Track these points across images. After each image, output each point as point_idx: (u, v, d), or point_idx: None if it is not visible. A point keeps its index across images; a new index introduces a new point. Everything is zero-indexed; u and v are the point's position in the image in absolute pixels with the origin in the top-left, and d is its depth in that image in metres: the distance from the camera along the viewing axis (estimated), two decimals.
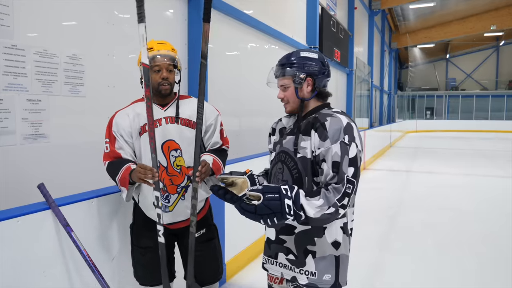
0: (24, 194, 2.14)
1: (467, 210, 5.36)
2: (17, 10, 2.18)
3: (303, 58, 1.49)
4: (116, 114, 1.85)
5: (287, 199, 1.30)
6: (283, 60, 1.52)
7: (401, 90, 27.83)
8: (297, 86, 1.48)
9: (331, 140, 1.38)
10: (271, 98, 5.84)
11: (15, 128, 2.19)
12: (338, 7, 9.68)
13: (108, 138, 1.81)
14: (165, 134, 1.81)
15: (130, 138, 1.81)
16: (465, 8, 19.98)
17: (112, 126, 1.81)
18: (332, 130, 1.39)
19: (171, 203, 1.84)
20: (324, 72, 1.51)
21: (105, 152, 1.81)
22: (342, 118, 1.42)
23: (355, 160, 1.38)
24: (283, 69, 1.50)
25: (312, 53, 1.51)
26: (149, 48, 1.78)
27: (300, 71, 1.47)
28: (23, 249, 1.55)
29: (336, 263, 1.48)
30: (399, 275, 3.27)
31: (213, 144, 1.97)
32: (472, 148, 14.09)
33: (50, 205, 1.65)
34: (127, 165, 1.74)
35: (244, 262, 3.29)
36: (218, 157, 1.92)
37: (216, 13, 4.11)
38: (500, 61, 28.72)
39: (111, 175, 1.78)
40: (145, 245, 1.89)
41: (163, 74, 1.79)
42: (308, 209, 1.32)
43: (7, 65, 2.13)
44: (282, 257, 1.56)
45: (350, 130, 1.40)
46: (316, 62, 1.49)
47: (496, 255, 3.70)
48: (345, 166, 1.35)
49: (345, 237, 1.50)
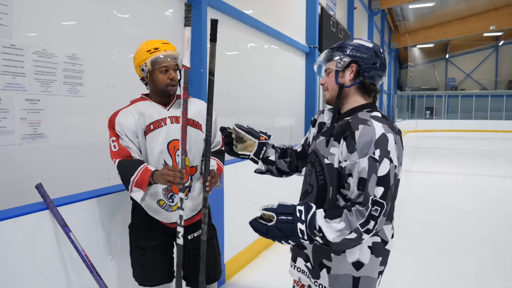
0: (22, 194, 2.13)
1: (467, 210, 5.35)
2: (16, 9, 2.17)
3: (355, 44, 1.35)
4: (118, 113, 1.80)
5: (300, 224, 1.21)
6: (335, 44, 1.41)
7: (400, 90, 27.85)
8: (338, 69, 1.34)
9: (359, 154, 1.22)
10: (269, 98, 5.86)
11: (14, 128, 2.18)
12: (337, 7, 9.68)
13: (114, 136, 1.76)
14: (170, 133, 1.80)
15: (135, 138, 1.78)
16: (464, 8, 20.01)
17: (115, 126, 1.77)
18: (362, 142, 1.22)
19: (175, 203, 1.84)
20: (376, 63, 1.34)
21: (114, 150, 1.76)
22: (376, 128, 1.24)
23: (387, 179, 1.21)
24: (331, 53, 1.38)
25: (367, 42, 1.37)
26: (155, 48, 1.76)
27: (345, 55, 1.34)
28: (21, 250, 1.55)
29: (354, 285, 1.35)
30: (399, 275, 3.26)
31: (216, 145, 1.99)
32: (471, 148, 14.09)
33: (48, 205, 1.64)
34: (144, 166, 1.70)
35: (243, 262, 3.28)
36: (220, 161, 1.96)
37: (215, 13, 4.11)
38: (499, 61, 28.74)
39: (123, 173, 1.73)
40: (145, 245, 1.87)
41: (171, 75, 1.77)
42: (327, 232, 1.20)
43: (5, 65, 2.12)
44: (301, 262, 1.49)
45: (384, 143, 1.22)
46: (367, 50, 1.34)
47: (496, 255, 3.69)
48: (372, 186, 1.20)
49: (373, 258, 1.34)
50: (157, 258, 1.88)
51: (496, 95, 26.69)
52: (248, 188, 3.17)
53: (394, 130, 1.28)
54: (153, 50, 1.75)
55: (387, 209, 1.23)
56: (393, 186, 1.25)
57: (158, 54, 1.74)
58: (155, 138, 1.77)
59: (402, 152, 1.29)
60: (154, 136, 1.77)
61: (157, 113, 1.80)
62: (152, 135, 1.77)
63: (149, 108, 1.81)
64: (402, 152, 1.29)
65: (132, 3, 3.01)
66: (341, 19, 10.09)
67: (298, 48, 6.81)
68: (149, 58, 1.75)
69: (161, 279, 1.92)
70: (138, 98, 1.90)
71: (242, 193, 3.12)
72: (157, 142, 1.77)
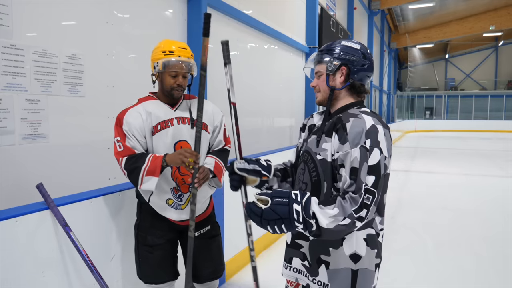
0: (23, 194, 2.14)
1: (467, 210, 5.36)
2: (16, 9, 2.18)
3: (343, 46, 1.38)
4: (126, 112, 1.81)
5: (296, 204, 1.20)
6: (323, 46, 1.44)
7: (400, 90, 27.85)
8: (329, 73, 1.38)
9: (351, 144, 1.26)
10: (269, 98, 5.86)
11: (14, 128, 2.19)
12: (337, 7, 9.68)
13: (120, 136, 1.77)
14: (177, 134, 1.83)
15: (143, 138, 1.80)
16: (464, 9, 20.02)
17: (122, 125, 1.77)
18: (353, 133, 1.26)
19: (184, 202, 1.87)
20: (364, 65, 1.38)
21: (118, 150, 1.77)
22: (366, 120, 1.29)
23: (377, 167, 1.24)
24: (320, 56, 1.41)
25: (354, 43, 1.41)
26: (170, 51, 1.78)
27: (335, 58, 1.37)
28: (22, 250, 1.55)
29: (352, 278, 1.36)
30: (399, 274, 3.27)
31: (217, 144, 2.01)
32: (471, 148, 14.10)
33: (48, 205, 1.65)
34: (152, 155, 1.74)
35: (243, 262, 3.28)
36: (220, 159, 1.95)
37: (215, 13, 4.11)
38: (499, 61, 28.76)
39: (131, 167, 1.74)
40: (153, 243, 1.89)
41: (179, 80, 1.80)
42: (320, 218, 1.20)
43: (6, 65, 2.13)
44: (297, 262, 1.49)
45: (374, 134, 1.26)
46: (355, 52, 1.37)
47: (495, 255, 3.70)
48: (364, 174, 1.23)
49: (369, 250, 1.36)
50: (165, 256, 1.92)
51: (496, 95, 26.71)
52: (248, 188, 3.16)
53: (382, 124, 1.32)
54: (168, 52, 1.78)
55: (378, 198, 1.26)
56: (383, 176, 1.28)
57: (171, 58, 1.77)
58: (162, 138, 1.79)
59: (391, 145, 1.34)
60: (161, 137, 1.79)
61: (164, 114, 1.83)
62: (159, 136, 1.79)
63: (156, 108, 1.83)
64: (391, 146, 1.33)
65: (132, 3, 3.01)
66: (341, 19, 10.10)
67: (298, 48, 6.81)
68: (162, 59, 1.78)
69: (168, 277, 1.95)
70: (146, 96, 1.91)
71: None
72: (164, 143, 1.79)
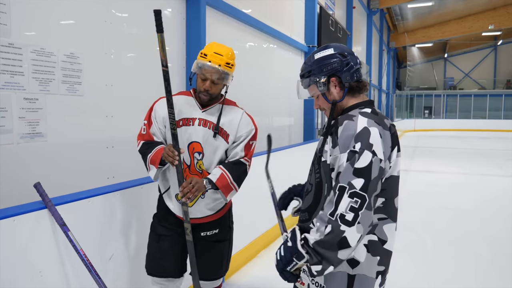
0: (21, 193, 2.13)
1: (466, 209, 5.36)
2: (14, 8, 2.17)
3: (318, 60, 1.38)
4: (160, 100, 1.92)
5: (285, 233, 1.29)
6: (301, 71, 1.45)
7: (399, 89, 27.88)
8: (323, 91, 1.38)
9: (341, 149, 1.25)
10: (268, 97, 5.85)
11: (12, 127, 2.18)
12: (336, 6, 9.68)
13: (147, 120, 1.90)
14: (194, 135, 1.85)
15: (163, 127, 1.89)
16: (463, 8, 20.04)
17: (152, 111, 1.90)
18: (343, 137, 1.25)
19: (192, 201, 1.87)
20: (348, 63, 1.36)
21: (141, 133, 1.90)
22: (359, 122, 1.26)
23: (367, 170, 1.19)
24: (304, 81, 1.42)
25: (326, 50, 1.39)
26: (205, 54, 1.81)
27: (319, 76, 1.37)
28: (19, 249, 1.54)
29: (349, 282, 1.34)
30: (398, 274, 3.27)
31: (233, 155, 1.91)
32: (470, 147, 14.12)
33: (46, 204, 1.64)
34: (161, 146, 1.83)
35: (242, 261, 3.28)
36: (230, 171, 1.84)
37: (214, 12, 4.10)
38: (498, 61, 28.80)
39: (142, 153, 1.87)
40: (161, 232, 1.95)
41: (206, 85, 1.82)
42: (309, 237, 1.23)
43: (4, 64, 2.12)
44: None
45: (365, 136, 1.22)
46: (333, 57, 1.36)
47: (495, 254, 3.70)
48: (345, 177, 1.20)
49: (370, 256, 1.34)
50: (170, 248, 1.92)
51: (495, 94, 26.74)
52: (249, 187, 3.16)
53: (382, 125, 1.28)
54: (203, 55, 1.81)
55: (371, 203, 1.20)
56: (378, 179, 1.22)
57: (204, 62, 1.79)
58: (180, 135, 1.81)
59: (389, 147, 1.28)
60: (179, 133, 1.82)
61: (188, 112, 1.87)
62: (179, 131, 1.81)
63: (185, 103, 1.89)
64: (389, 148, 1.28)
65: (130, 3, 3.00)
66: (340, 18, 10.10)
67: (297, 48, 6.81)
68: (197, 60, 1.82)
69: (171, 272, 1.95)
70: (186, 91, 1.99)
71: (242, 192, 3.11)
72: (180, 140, 1.80)
